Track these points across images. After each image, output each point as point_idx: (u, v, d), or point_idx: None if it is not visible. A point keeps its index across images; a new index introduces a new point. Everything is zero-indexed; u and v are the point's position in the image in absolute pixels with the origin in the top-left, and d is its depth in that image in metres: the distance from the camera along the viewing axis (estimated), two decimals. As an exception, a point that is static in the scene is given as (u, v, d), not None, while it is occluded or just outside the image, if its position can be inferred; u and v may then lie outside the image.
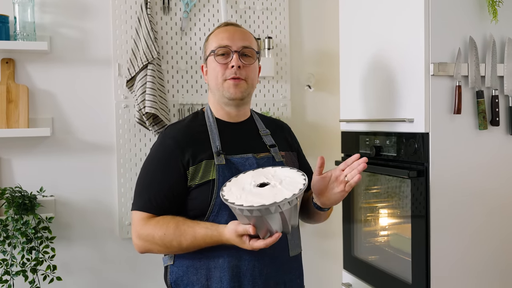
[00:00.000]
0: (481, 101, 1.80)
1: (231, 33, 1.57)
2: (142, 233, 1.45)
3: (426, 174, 1.77)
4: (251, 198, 1.30)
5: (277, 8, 2.54)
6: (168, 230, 1.42)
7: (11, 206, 2.03)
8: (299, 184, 1.35)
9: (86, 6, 2.29)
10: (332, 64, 2.59)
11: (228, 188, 1.39)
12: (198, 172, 1.48)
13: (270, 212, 1.27)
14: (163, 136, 1.56)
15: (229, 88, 1.54)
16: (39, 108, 2.23)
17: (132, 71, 2.27)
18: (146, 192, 1.49)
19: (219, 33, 1.59)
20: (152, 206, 1.47)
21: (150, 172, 1.52)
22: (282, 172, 1.44)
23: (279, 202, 1.27)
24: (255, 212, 1.27)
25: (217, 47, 1.55)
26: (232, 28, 1.60)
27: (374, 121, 2.07)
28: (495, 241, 1.86)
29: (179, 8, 2.39)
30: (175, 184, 1.48)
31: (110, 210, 2.33)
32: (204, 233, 1.41)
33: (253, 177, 1.42)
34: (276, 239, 1.33)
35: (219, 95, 1.57)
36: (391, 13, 1.95)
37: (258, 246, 1.33)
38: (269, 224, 1.30)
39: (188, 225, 1.43)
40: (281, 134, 1.71)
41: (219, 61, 1.55)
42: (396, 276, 1.97)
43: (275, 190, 1.33)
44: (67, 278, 2.24)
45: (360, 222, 2.29)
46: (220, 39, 1.56)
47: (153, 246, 1.46)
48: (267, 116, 1.76)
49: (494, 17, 1.80)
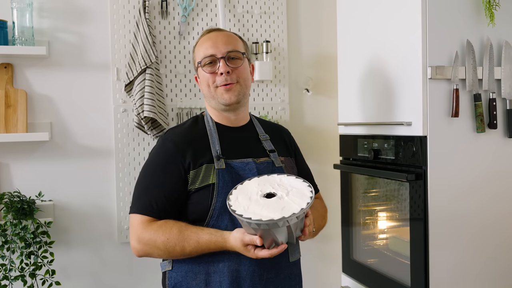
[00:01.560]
0: (478, 104, 1.81)
1: (214, 40, 1.57)
2: (143, 237, 1.44)
3: (424, 177, 1.78)
4: (258, 211, 1.30)
5: (275, 12, 2.54)
6: (171, 235, 1.41)
7: (10, 211, 2.03)
8: (306, 197, 1.35)
9: (84, 11, 2.29)
10: (330, 67, 2.60)
11: (234, 197, 1.38)
12: (199, 176, 1.48)
13: (278, 226, 1.28)
14: (163, 140, 1.55)
15: (222, 95, 1.54)
16: (38, 113, 2.23)
17: (131, 75, 2.27)
18: (146, 195, 1.48)
19: (203, 42, 1.59)
20: (153, 209, 1.46)
21: (150, 175, 1.51)
22: (288, 181, 1.43)
23: (287, 217, 1.27)
24: (263, 226, 1.27)
25: (203, 57, 1.56)
26: (214, 35, 1.59)
27: (372, 124, 2.07)
28: (493, 244, 1.87)
29: (177, 13, 2.40)
30: (176, 187, 1.47)
31: (108, 215, 2.32)
32: (208, 239, 1.40)
33: (259, 185, 1.42)
34: (282, 250, 1.34)
35: (214, 102, 1.58)
36: (388, 16, 1.95)
37: (263, 255, 1.33)
38: (276, 236, 1.31)
39: (191, 230, 1.42)
40: (281, 139, 1.71)
41: (207, 70, 1.55)
42: (395, 279, 1.97)
43: (283, 203, 1.33)
44: (66, 282, 2.24)
45: (359, 225, 2.30)
46: (204, 49, 1.57)
47: (154, 251, 1.44)
48: (266, 121, 1.77)
49: (491, 20, 1.80)
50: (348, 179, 2.31)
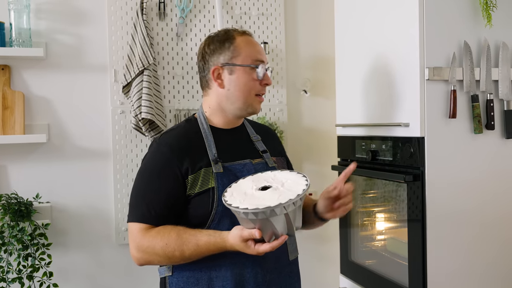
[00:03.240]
0: (476, 105, 1.81)
1: (260, 48, 1.53)
2: (142, 245, 1.40)
3: (422, 178, 1.78)
4: (255, 202, 1.28)
5: (272, 14, 2.54)
6: (169, 240, 1.37)
7: (7, 213, 2.03)
8: (301, 185, 1.34)
9: (82, 12, 2.29)
10: (328, 69, 2.60)
11: (229, 194, 1.37)
12: (198, 180, 1.44)
13: (276, 214, 1.25)
14: (158, 145, 1.50)
15: (256, 104, 1.53)
16: (35, 115, 2.22)
17: (128, 77, 2.27)
18: (143, 203, 1.44)
19: (252, 44, 1.53)
20: (151, 216, 1.42)
21: (146, 182, 1.47)
22: (282, 175, 1.43)
23: (284, 203, 1.25)
24: (260, 215, 1.25)
25: (255, 61, 1.50)
26: (256, 41, 1.56)
27: (370, 125, 2.08)
28: (492, 245, 1.86)
29: (174, 14, 2.40)
30: (173, 192, 1.44)
31: (106, 216, 2.32)
32: (207, 240, 1.36)
33: (253, 182, 1.41)
34: (283, 241, 1.29)
35: (239, 107, 1.52)
36: (386, 17, 1.95)
37: (264, 250, 1.29)
38: (274, 226, 1.28)
39: (189, 233, 1.38)
40: (271, 140, 1.70)
41: (262, 75, 1.51)
42: (393, 280, 1.97)
43: (278, 192, 1.32)
44: (64, 284, 2.23)
45: (357, 226, 2.30)
46: (256, 52, 1.51)
47: (154, 257, 1.40)
48: (255, 122, 1.75)
49: (488, 21, 1.81)
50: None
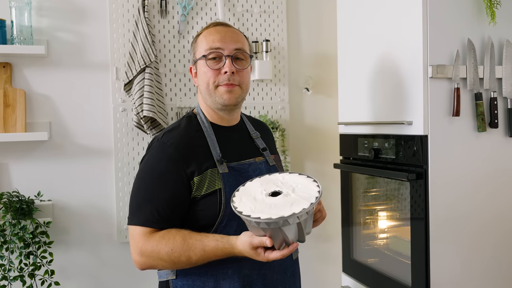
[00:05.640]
0: (479, 103, 1.80)
1: (223, 35, 1.45)
2: (145, 249, 1.35)
3: (425, 177, 1.77)
4: (266, 210, 1.24)
5: (274, 11, 2.53)
6: (175, 245, 1.32)
7: (9, 211, 2.02)
8: (313, 191, 1.30)
9: (83, 9, 2.28)
10: (330, 66, 2.59)
11: (238, 199, 1.32)
12: (205, 181, 1.40)
13: (288, 223, 1.22)
14: (162, 144, 1.44)
15: (222, 95, 1.45)
16: (37, 112, 2.22)
17: (130, 74, 2.26)
18: (147, 205, 1.38)
19: (210, 34, 1.47)
20: (155, 219, 1.36)
21: (150, 183, 1.41)
22: (291, 178, 1.38)
23: (298, 213, 1.21)
24: (273, 225, 1.21)
25: (208, 50, 1.45)
26: (223, 29, 1.48)
27: (372, 123, 2.07)
28: (495, 243, 1.86)
29: (176, 12, 2.39)
30: (179, 194, 1.38)
31: (108, 215, 2.32)
32: (215, 246, 1.31)
33: (262, 185, 1.36)
34: (294, 249, 1.26)
35: (211, 101, 1.48)
36: (389, 15, 1.95)
37: (274, 257, 1.25)
38: (286, 234, 1.24)
39: (196, 238, 1.33)
40: (268, 136, 1.67)
41: (211, 66, 1.44)
42: (395, 279, 1.96)
43: (290, 199, 1.28)
44: (65, 283, 2.23)
45: (359, 225, 2.29)
46: (211, 41, 1.45)
47: (158, 262, 1.35)
48: (252, 117, 1.72)
49: (492, 19, 1.80)
50: (348, 178, 2.30)
